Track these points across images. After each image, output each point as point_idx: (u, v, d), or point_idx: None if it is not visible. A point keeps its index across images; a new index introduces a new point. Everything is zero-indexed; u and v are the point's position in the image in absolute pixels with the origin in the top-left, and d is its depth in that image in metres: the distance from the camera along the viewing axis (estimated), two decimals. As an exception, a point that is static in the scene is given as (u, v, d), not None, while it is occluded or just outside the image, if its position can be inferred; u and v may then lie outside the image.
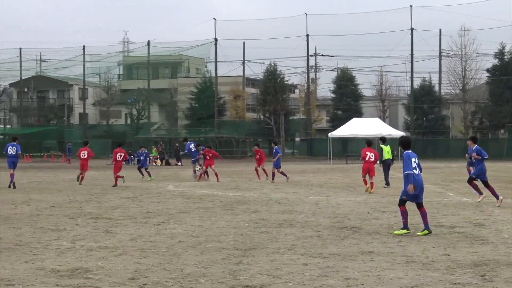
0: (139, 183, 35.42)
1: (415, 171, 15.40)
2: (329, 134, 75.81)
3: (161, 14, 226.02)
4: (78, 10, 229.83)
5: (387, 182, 31.24)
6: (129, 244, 14.14)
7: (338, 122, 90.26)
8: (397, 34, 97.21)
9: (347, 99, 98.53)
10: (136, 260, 12.22)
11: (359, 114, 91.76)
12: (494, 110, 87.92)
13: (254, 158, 39.95)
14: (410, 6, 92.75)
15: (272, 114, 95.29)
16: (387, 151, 32.09)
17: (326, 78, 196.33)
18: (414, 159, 15.50)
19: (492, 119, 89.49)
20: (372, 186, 28.55)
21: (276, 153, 36.63)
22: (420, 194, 15.53)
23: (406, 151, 15.67)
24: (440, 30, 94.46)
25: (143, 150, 45.12)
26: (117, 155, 34.65)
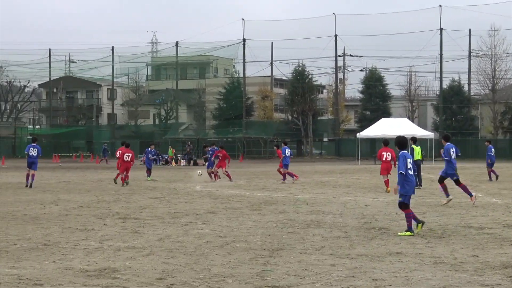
0: (166, 184, 35.43)
1: (410, 172, 15.34)
2: (357, 135, 75.53)
3: (189, 14, 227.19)
4: (107, 11, 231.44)
5: (417, 183, 31.01)
6: (156, 244, 14.13)
7: (366, 122, 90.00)
8: (426, 34, 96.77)
9: (376, 100, 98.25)
10: (163, 260, 12.20)
11: (388, 115, 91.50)
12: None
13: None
14: (440, 6, 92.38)
15: (300, 115, 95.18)
16: (418, 152, 31.93)
17: (355, 78, 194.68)
18: (409, 160, 15.48)
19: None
20: (387, 184, 28.74)
21: (284, 153, 36.37)
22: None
23: (402, 151, 15.58)
24: (469, 30, 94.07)
25: (152, 148, 43.92)
26: (124, 156, 34.51)
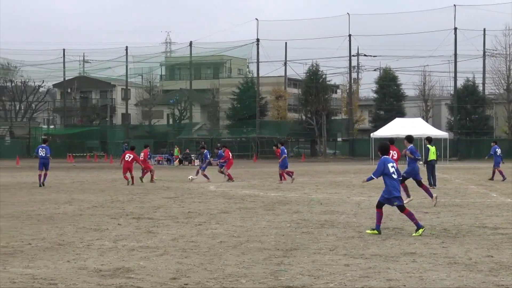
0: (180, 184, 35.44)
1: (394, 176, 15.35)
2: (371, 135, 75.33)
3: (203, 15, 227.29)
4: (120, 11, 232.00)
5: (431, 183, 30.91)
6: (170, 244, 14.12)
7: (380, 122, 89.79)
8: (440, 33, 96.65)
9: (390, 99, 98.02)
10: (177, 260, 12.20)
11: (402, 114, 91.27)
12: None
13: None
14: (454, 5, 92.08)
15: (314, 115, 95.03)
16: (433, 152, 31.82)
17: (368, 78, 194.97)
18: (391, 164, 15.48)
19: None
20: None
21: (282, 154, 36.32)
22: (393, 198, 15.40)
23: (384, 157, 15.59)
24: (484, 30, 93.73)
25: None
26: (125, 156, 35.05)
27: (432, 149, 31.87)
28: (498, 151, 38.21)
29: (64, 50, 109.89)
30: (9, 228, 16.88)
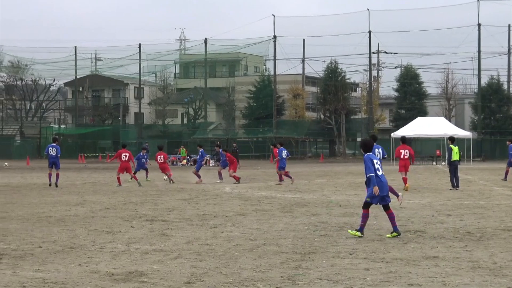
0: (195, 185, 35.25)
1: (378, 172, 15.13)
2: (392, 134, 74.83)
3: (218, 11, 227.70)
4: (134, 8, 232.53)
5: (454, 184, 30.48)
6: (185, 247, 14.02)
7: (401, 121, 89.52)
8: (463, 30, 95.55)
9: (411, 98, 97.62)
10: (192, 263, 12.11)
11: (424, 113, 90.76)
12: None
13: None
14: (477, 0, 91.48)
15: (332, 114, 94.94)
16: (456, 152, 31.43)
17: (389, 76, 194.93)
18: (375, 161, 15.24)
19: None
20: (405, 181, 29.33)
21: (279, 155, 35.98)
22: (385, 196, 15.21)
23: (367, 154, 15.28)
24: (509, 26, 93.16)
25: (144, 152, 42.35)
26: (122, 155, 35.07)
27: (455, 149, 31.46)
28: None
29: (75, 47, 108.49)
30: (19, 230, 16.81)
